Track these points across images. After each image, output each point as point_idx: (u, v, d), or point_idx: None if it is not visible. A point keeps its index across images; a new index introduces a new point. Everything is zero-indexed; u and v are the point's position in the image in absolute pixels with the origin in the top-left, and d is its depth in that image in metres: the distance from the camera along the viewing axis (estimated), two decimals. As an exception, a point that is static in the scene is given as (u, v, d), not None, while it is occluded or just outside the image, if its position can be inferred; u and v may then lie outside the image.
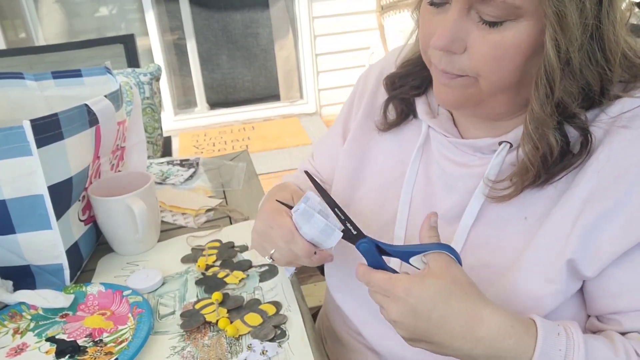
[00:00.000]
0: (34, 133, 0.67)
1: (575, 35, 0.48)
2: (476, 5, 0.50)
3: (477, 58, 0.52)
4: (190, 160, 1.24)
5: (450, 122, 0.66)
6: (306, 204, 0.61)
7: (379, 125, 0.72)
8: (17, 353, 0.66)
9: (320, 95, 3.85)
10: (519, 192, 0.56)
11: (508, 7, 0.48)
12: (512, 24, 0.49)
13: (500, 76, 0.53)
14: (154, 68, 1.73)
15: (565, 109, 0.52)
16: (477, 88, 0.55)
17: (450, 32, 0.52)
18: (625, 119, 0.53)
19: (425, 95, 0.69)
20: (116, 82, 0.91)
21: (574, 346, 0.49)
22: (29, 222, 0.72)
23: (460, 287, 0.51)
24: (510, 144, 0.58)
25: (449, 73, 0.56)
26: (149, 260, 0.85)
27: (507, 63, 0.51)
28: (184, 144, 3.46)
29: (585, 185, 0.53)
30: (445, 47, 0.53)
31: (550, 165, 0.54)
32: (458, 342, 0.50)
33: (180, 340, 0.67)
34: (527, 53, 0.51)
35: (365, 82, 0.77)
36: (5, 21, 3.33)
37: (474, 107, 0.59)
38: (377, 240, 0.55)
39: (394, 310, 0.52)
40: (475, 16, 0.51)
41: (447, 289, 0.50)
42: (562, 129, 0.53)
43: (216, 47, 3.71)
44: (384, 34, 3.44)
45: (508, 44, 0.50)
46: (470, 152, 0.62)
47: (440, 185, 0.65)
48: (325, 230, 0.60)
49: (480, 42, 0.51)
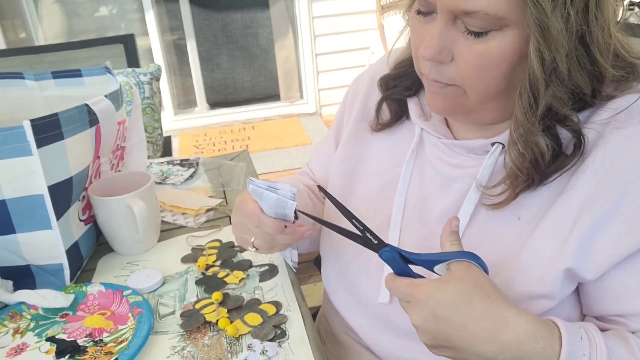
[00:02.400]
0: (34, 133, 0.67)
1: (561, 43, 0.48)
2: (461, 16, 0.50)
3: (463, 67, 0.53)
4: (190, 160, 1.24)
5: (443, 124, 0.66)
6: (252, 184, 0.63)
7: (372, 125, 0.72)
8: (17, 353, 0.66)
9: (320, 95, 3.85)
10: (514, 197, 0.56)
11: (492, 19, 0.48)
12: (497, 34, 0.50)
13: (487, 84, 0.53)
14: (154, 68, 1.73)
15: (555, 113, 0.52)
16: (466, 97, 0.56)
17: (437, 43, 0.52)
18: (619, 119, 0.53)
19: (417, 97, 0.69)
20: (116, 82, 0.91)
21: (597, 350, 0.48)
22: (29, 222, 0.72)
23: (483, 290, 0.49)
24: (503, 144, 0.58)
25: (438, 82, 0.56)
26: (149, 260, 0.85)
27: (494, 71, 0.52)
28: (184, 144, 3.46)
29: (582, 189, 0.53)
30: (432, 57, 0.54)
31: (543, 168, 0.54)
32: (482, 347, 0.48)
33: (180, 340, 0.67)
34: (512, 61, 0.51)
35: (357, 87, 0.78)
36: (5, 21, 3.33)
37: (465, 114, 0.60)
38: (399, 249, 0.55)
39: (415, 315, 0.51)
40: (461, 26, 0.51)
41: (469, 292, 0.49)
42: (553, 132, 0.53)
43: (216, 47, 3.71)
44: (383, 34, 3.44)
45: (493, 53, 0.50)
46: (463, 153, 0.62)
47: (434, 187, 0.65)
48: (278, 203, 0.61)
49: (466, 52, 0.52)
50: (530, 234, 0.56)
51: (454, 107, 0.58)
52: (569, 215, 0.53)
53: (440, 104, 0.59)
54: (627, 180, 0.51)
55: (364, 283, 0.69)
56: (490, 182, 0.59)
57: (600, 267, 0.53)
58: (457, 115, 0.62)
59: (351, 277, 0.70)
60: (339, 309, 0.75)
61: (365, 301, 0.69)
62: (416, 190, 0.67)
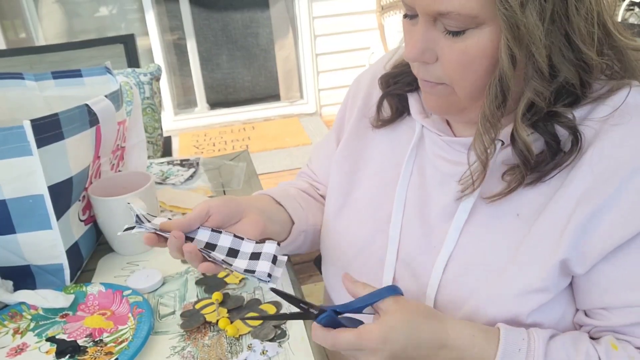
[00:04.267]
0: (34, 133, 0.67)
1: (537, 37, 0.48)
2: (438, 17, 0.52)
3: (447, 66, 0.55)
4: (190, 160, 1.24)
5: (442, 121, 0.67)
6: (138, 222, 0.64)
7: (372, 121, 0.73)
8: (17, 353, 0.66)
9: (320, 95, 3.85)
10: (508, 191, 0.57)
11: (466, 18, 0.50)
12: (475, 32, 0.51)
13: (472, 81, 0.54)
14: (154, 68, 1.73)
15: (539, 109, 0.53)
16: (456, 95, 0.57)
17: (420, 44, 0.54)
18: (616, 116, 0.53)
19: (417, 93, 0.69)
20: (116, 82, 0.91)
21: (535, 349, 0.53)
22: (29, 222, 0.72)
23: (418, 313, 0.55)
24: (502, 141, 0.58)
25: (428, 81, 0.58)
26: (149, 260, 0.85)
27: (476, 68, 0.53)
28: (184, 144, 3.46)
29: (578, 184, 0.53)
30: (417, 58, 0.56)
31: (535, 165, 0.55)
32: (438, 356, 0.54)
33: (181, 340, 0.67)
34: (493, 57, 0.51)
35: (358, 86, 0.78)
36: (5, 21, 3.33)
37: (458, 113, 0.61)
38: (333, 306, 0.56)
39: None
40: (441, 26, 0.53)
41: (410, 320, 0.54)
42: (550, 129, 0.54)
43: (216, 47, 3.71)
44: (384, 34, 3.44)
45: (473, 51, 0.52)
46: (463, 150, 0.63)
47: (434, 184, 0.65)
48: None
49: (447, 51, 0.53)
50: (529, 230, 0.57)
51: (447, 106, 0.60)
52: (566, 210, 0.54)
53: (434, 103, 0.61)
54: (622, 176, 0.52)
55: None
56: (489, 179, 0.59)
57: (591, 260, 0.53)
58: (451, 114, 0.64)
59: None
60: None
61: None
62: (416, 187, 0.67)
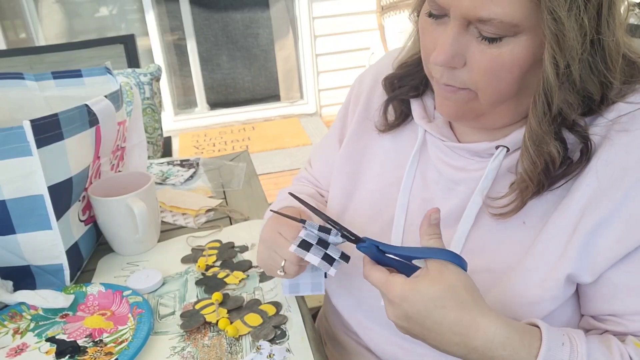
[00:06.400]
0: (34, 133, 0.67)
1: (576, 49, 0.48)
2: (475, 22, 0.50)
3: (476, 72, 0.53)
4: (190, 161, 1.24)
5: (446, 126, 0.66)
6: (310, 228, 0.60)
7: (378, 126, 0.72)
8: (17, 353, 0.66)
9: (320, 95, 3.85)
10: (522, 206, 0.56)
11: (506, 26, 0.48)
12: (511, 40, 0.50)
13: (499, 89, 0.53)
14: (154, 68, 1.73)
15: (564, 119, 0.52)
16: (477, 101, 0.56)
17: (450, 48, 0.52)
18: (623, 122, 0.52)
19: (420, 99, 0.68)
20: (116, 83, 0.91)
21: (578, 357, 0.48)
22: (29, 222, 0.72)
23: (457, 295, 0.49)
24: (507, 148, 0.58)
25: (450, 86, 0.56)
26: (149, 261, 0.85)
27: (506, 75, 0.52)
28: (184, 144, 3.46)
29: (584, 191, 0.53)
30: (446, 63, 0.53)
31: (552, 175, 0.54)
32: (452, 348, 0.51)
33: (181, 341, 0.66)
34: (525, 66, 0.51)
35: (360, 85, 0.77)
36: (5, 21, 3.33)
37: (475, 119, 0.59)
38: (377, 242, 0.55)
39: (390, 311, 0.53)
40: (475, 31, 0.51)
41: (442, 297, 0.49)
42: (561, 137, 0.53)
43: (216, 47, 3.71)
44: (384, 35, 3.44)
45: (506, 58, 0.50)
46: (467, 156, 0.62)
47: (437, 189, 0.65)
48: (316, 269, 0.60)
49: (479, 57, 0.52)
50: (534, 238, 0.56)
51: (464, 112, 0.58)
52: (571, 218, 0.53)
53: (451, 110, 0.59)
54: (629, 184, 0.51)
55: (366, 285, 0.69)
56: (495, 186, 0.59)
57: (598, 268, 0.53)
58: (466, 120, 0.62)
59: (353, 279, 0.70)
60: (340, 311, 0.74)
61: (367, 303, 0.69)
62: (419, 192, 0.66)
